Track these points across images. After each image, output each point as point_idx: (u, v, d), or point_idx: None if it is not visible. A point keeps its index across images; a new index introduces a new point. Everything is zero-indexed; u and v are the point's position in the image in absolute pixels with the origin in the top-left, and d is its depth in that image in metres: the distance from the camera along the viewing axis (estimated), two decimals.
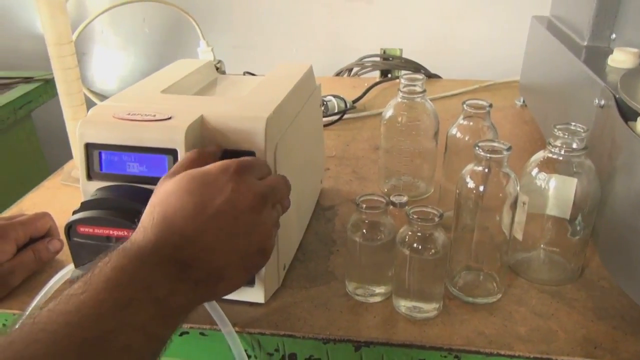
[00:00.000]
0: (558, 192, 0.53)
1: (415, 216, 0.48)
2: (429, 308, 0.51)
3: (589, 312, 0.52)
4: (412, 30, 1.36)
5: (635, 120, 0.49)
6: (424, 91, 0.68)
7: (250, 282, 0.53)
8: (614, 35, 0.73)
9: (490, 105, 0.60)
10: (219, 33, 1.49)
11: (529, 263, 0.58)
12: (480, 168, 0.50)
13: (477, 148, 0.49)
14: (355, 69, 1.23)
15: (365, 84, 1.12)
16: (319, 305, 0.53)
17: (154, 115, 0.50)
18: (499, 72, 1.19)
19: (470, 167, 0.51)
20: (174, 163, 0.48)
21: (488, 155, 0.49)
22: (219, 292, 0.41)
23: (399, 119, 0.69)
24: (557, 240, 0.56)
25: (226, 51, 1.50)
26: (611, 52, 0.67)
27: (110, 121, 0.50)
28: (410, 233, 0.49)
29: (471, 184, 0.50)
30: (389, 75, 1.19)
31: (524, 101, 1.03)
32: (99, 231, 0.48)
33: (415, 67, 1.17)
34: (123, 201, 0.48)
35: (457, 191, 0.52)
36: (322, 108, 0.96)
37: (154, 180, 0.49)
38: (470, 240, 0.53)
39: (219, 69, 1.10)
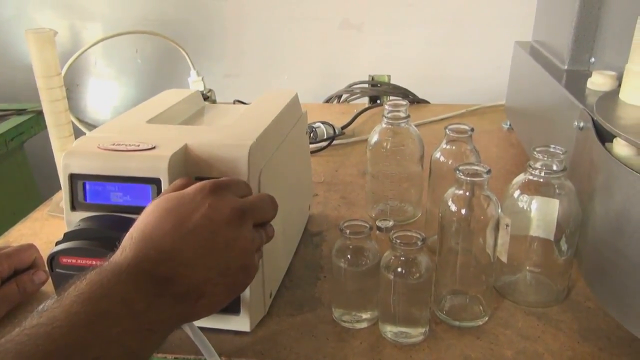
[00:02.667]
0: (541, 213, 0.53)
1: (398, 240, 0.49)
2: (415, 333, 0.51)
3: (575, 334, 0.52)
4: (400, 57, 1.38)
5: (612, 141, 0.50)
6: (408, 116, 0.69)
7: (236, 311, 0.53)
8: (593, 59, 0.75)
9: (472, 130, 0.61)
10: (210, 62, 1.51)
11: (514, 285, 0.58)
12: (461, 191, 0.50)
13: (457, 172, 0.50)
14: (344, 96, 1.25)
15: (354, 110, 1.13)
16: (305, 333, 0.53)
17: (138, 145, 0.51)
18: (486, 96, 1.20)
19: (451, 190, 0.51)
20: (158, 192, 0.49)
21: (469, 178, 0.49)
22: (200, 309, 0.40)
23: (384, 144, 0.69)
24: (542, 262, 0.56)
25: (217, 80, 1.52)
26: (590, 75, 0.68)
27: (94, 152, 0.51)
28: (393, 257, 0.49)
29: (453, 207, 0.51)
30: (378, 102, 1.20)
31: (510, 124, 1.04)
32: (81, 262, 0.48)
33: (403, 93, 1.19)
34: (106, 231, 0.48)
35: (440, 215, 0.52)
36: (311, 134, 0.97)
37: (139, 210, 0.49)
38: (455, 264, 0.53)
39: (209, 97, 1.12)
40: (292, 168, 0.66)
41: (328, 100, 1.27)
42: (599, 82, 0.65)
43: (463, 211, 0.50)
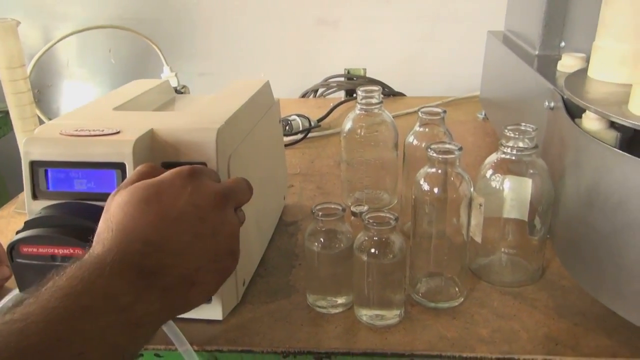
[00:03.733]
0: (514, 193, 0.53)
1: (371, 221, 0.48)
2: (391, 315, 0.50)
3: (550, 311, 0.51)
4: (376, 52, 1.38)
5: (581, 117, 0.50)
6: (381, 102, 0.68)
7: (208, 299, 0.51)
8: (563, 44, 0.75)
9: (445, 112, 0.61)
10: (185, 61, 1.49)
11: (490, 266, 0.57)
12: (433, 170, 0.50)
13: (429, 150, 0.49)
14: (320, 90, 1.24)
15: (331, 104, 1.13)
16: (279, 319, 0.52)
17: (102, 131, 0.50)
18: (462, 88, 1.21)
19: (424, 170, 0.51)
20: (122, 178, 0.47)
21: (441, 156, 0.49)
22: (192, 298, 0.39)
23: (358, 131, 0.69)
24: (516, 242, 0.56)
25: (192, 79, 1.50)
26: (561, 58, 0.68)
27: (56, 137, 0.49)
28: (367, 239, 0.49)
29: (426, 187, 0.50)
30: (354, 95, 1.19)
31: (485, 114, 1.04)
32: (43, 250, 0.46)
33: (379, 86, 1.18)
34: (68, 218, 0.46)
35: (413, 196, 0.51)
36: (286, 127, 0.97)
37: (103, 197, 0.48)
38: (429, 245, 0.53)
39: (183, 93, 1.10)
40: (264, 156, 0.65)
41: (304, 95, 1.26)
42: (568, 63, 0.65)
43: (436, 190, 0.50)
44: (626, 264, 0.42)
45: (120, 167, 0.47)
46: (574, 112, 0.52)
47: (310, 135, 0.98)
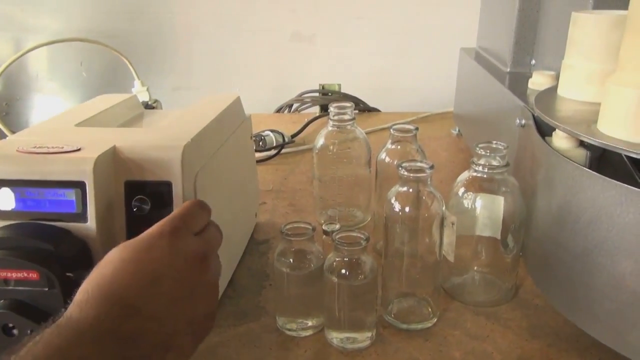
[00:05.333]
0: (486, 211, 0.53)
1: (341, 241, 0.47)
2: (362, 338, 0.49)
3: (523, 332, 0.51)
4: (351, 67, 1.38)
5: (551, 135, 0.50)
6: (354, 118, 0.68)
7: None
8: (533, 61, 0.76)
9: (417, 129, 0.60)
10: (159, 76, 1.47)
11: (463, 285, 0.57)
12: (404, 189, 0.49)
13: (400, 168, 0.49)
14: (295, 105, 1.24)
15: (305, 120, 1.12)
16: (247, 343, 0.50)
17: (62, 148, 0.48)
18: (437, 105, 1.22)
19: (395, 188, 0.50)
20: (82, 197, 0.45)
21: (412, 174, 0.48)
22: None
23: (331, 147, 0.68)
24: (489, 261, 0.56)
25: (167, 93, 1.48)
26: (531, 76, 0.69)
27: (12, 155, 0.47)
28: (337, 259, 0.47)
29: (397, 206, 0.49)
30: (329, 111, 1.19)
31: (459, 130, 1.05)
32: None
33: (354, 101, 1.18)
34: (23, 239, 0.44)
35: (385, 215, 0.50)
36: (260, 143, 0.95)
37: (62, 217, 0.46)
38: (401, 265, 0.52)
39: (155, 108, 1.08)
40: (234, 173, 0.63)
41: (279, 110, 1.26)
42: (539, 81, 0.65)
43: (407, 209, 0.49)
44: (597, 285, 0.41)
45: (80, 185, 0.45)
46: (545, 130, 0.52)
47: (284, 151, 0.97)
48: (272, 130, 0.98)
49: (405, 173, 0.48)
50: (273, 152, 0.96)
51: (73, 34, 1.47)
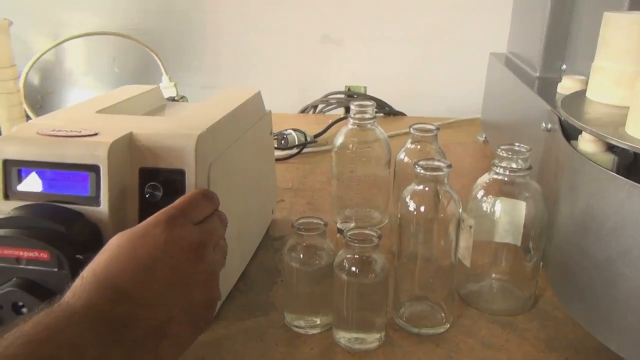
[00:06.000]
0: (506, 216, 0.51)
1: (352, 237, 0.46)
2: (370, 339, 0.48)
3: (540, 343, 0.48)
4: (378, 71, 1.37)
5: (577, 139, 0.47)
6: (374, 117, 0.67)
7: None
8: (564, 66, 0.73)
9: (438, 128, 0.59)
10: (188, 74, 1.49)
11: (479, 292, 0.55)
12: (420, 187, 0.48)
13: (417, 166, 0.47)
14: (320, 106, 1.23)
15: (330, 121, 1.11)
16: (254, 338, 0.49)
17: (80, 132, 0.48)
18: (464, 110, 1.19)
19: (410, 187, 0.49)
20: (96, 181, 0.46)
21: (428, 173, 0.47)
22: (163, 352, 0.36)
23: (350, 146, 0.67)
24: (508, 268, 0.54)
25: (195, 91, 1.49)
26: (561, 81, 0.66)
27: (31, 137, 0.47)
28: (348, 256, 0.46)
29: (412, 205, 0.48)
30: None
31: (485, 137, 1.02)
32: (8, 252, 0.44)
33: (379, 105, 1.17)
34: (36, 220, 0.44)
35: (399, 214, 0.49)
36: (282, 141, 0.95)
37: (76, 199, 0.46)
38: (415, 268, 0.50)
39: None
40: (251, 167, 0.63)
41: (304, 111, 1.25)
42: (568, 86, 0.63)
43: (422, 209, 0.48)
44: (620, 296, 0.39)
45: (95, 169, 0.46)
46: (571, 134, 0.50)
47: (305, 150, 0.96)
48: (294, 130, 0.98)
49: (422, 171, 0.47)
50: (294, 151, 0.95)
51: (108, 29, 1.51)
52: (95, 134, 0.48)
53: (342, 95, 1.19)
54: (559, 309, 0.53)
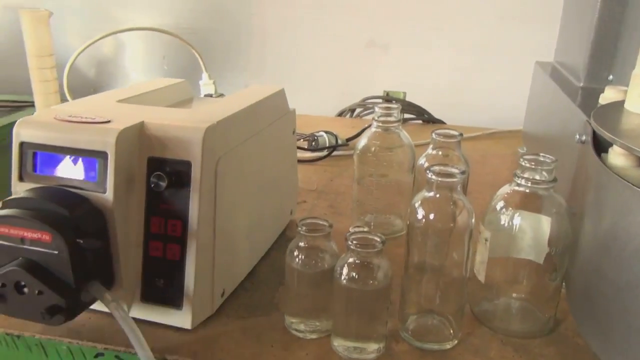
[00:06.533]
0: (527, 230, 0.47)
1: (354, 242, 0.44)
2: (369, 349, 0.46)
3: None
4: (422, 78, 1.33)
5: (607, 151, 0.44)
6: (399, 120, 0.64)
7: (178, 305, 0.48)
8: (611, 77, 0.69)
9: (461, 135, 0.56)
10: (232, 72, 1.51)
11: (494, 311, 0.51)
12: (431, 194, 0.45)
13: (428, 172, 0.45)
14: (358, 110, 1.21)
15: (365, 125, 1.09)
16: (250, 337, 0.48)
17: (94, 119, 0.49)
18: (508, 120, 1.14)
19: (421, 194, 0.46)
20: (104, 167, 0.46)
21: (439, 179, 0.44)
22: None
23: (372, 149, 0.65)
24: (527, 287, 0.50)
25: (238, 90, 1.51)
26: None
27: (47, 121, 0.48)
28: (349, 261, 0.44)
29: (420, 213, 0.45)
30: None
31: (526, 149, 0.97)
32: (13, 232, 0.44)
33: (418, 111, 1.14)
34: (42, 202, 0.45)
35: (407, 222, 0.47)
36: (313, 142, 0.94)
37: (85, 185, 0.47)
38: (423, 279, 0.48)
39: None
40: (268, 165, 0.62)
41: (341, 114, 1.24)
42: (610, 96, 0.58)
43: (432, 216, 0.45)
44: (637, 326, 0.35)
45: (103, 156, 0.46)
46: (605, 147, 0.46)
47: (336, 153, 0.95)
48: (326, 132, 0.97)
49: (433, 177, 0.44)
50: (324, 153, 0.94)
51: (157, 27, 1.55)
52: (108, 122, 0.48)
53: (380, 100, 1.16)
54: (581, 336, 0.49)
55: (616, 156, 0.42)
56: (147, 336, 0.47)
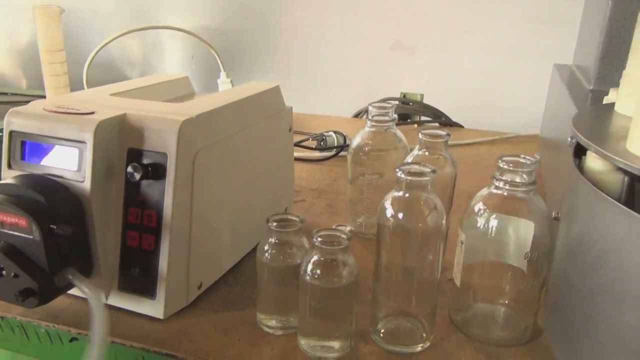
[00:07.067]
0: (505, 234, 0.46)
1: (320, 239, 0.43)
2: (335, 347, 0.45)
3: None
4: (445, 81, 1.31)
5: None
6: (393, 120, 0.63)
7: (151, 294, 0.49)
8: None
9: (448, 135, 0.54)
10: (260, 73, 1.53)
11: (470, 316, 0.49)
12: (400, 193, 0.44)
13: (398, 171, 0.44)
14: None
15: None
16: (220, 330, 0.48)
17: (79, 110, 0.50)
18: (529, 125, 1.10)
19: (391, 193, 0.45)
20: (83, 156, 0.47)
21: (409, 178, 0.43)
22: None
23: (365, 149, 0.64)
24: (506, 293, 0.48)
25: None
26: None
27: (36, 112, 0.50)
28: (314, 258, 0.44)
29: (390, 212, 0.44)
30: (408, 120, 1.14)
31: (539, 157, 0.94)
32: None
33: (435, 114, 1.12)
34: (22, 189, 0.46)
35: (377, 221, 0.46)
36: (321, 142, 0.94)
37: (65, 173, 0.48)
38: (394, 280, 0.47)
39: None
40: (258, 161, 0.62)
41: (357, 115, 1.23)
42: (613, 98, 0.55)
43: (401, 216, 0.44)
44: (598, 336, 0.33)
45: (82, 145, 0.47)
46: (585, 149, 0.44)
47: (342, 153, 0.94)
48: (335, 132, 0.96)
49: (403, 176, 0.43)
50: (333, 152, 0.93)
51: (189, 28, 1.59)
52: (92, 113, 0.50)
53: (397, 102, 1.15)
54: None
55: (593, 160, 0.40)
56: (121, 324, 0.48)
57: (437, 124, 1.14)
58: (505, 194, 0.45)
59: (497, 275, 0.48)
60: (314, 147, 0.95)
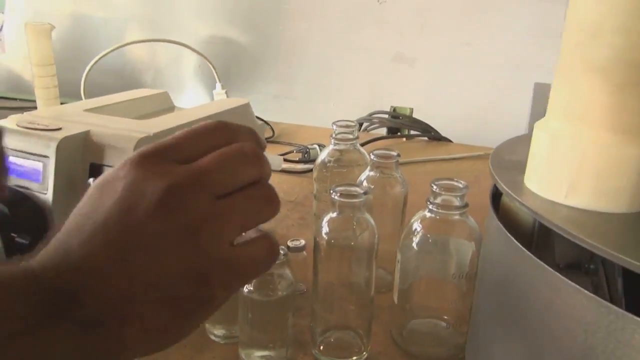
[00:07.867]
0: (440, 254, 0.48)
1: None
2: (273, 357, 0.47)
3: None
4: (428, 93, 1.33)
5: None
6: (356, 138, 0.65)
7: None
8: None
9: (398, 155, 0.56)
10: (261, 82, 1.56)
11: (409, 332, 0.51)
12: (335, 214, 0.46)
13: (332, 192, 0.46)
14: (365, 124, 1.22)
15: (369, 139, 1.10)
16: None
17: (47, 126, 0.54)
18: None
19: (327, 213, 0.47)
20: (47, 170, 0.51)
21: (342, 199, 0.45)
22: (131, 340, 0.26)
23: (327, 166, 0.66)
24: (440, 310, 0.50)
25: (267, 100, 1.57)
26: None
27: (9, 127, 0.54)
28: None
29: (324, 231, 0.47)
30: (398, 134, 1.16)
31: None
32: None
33: (424, 128, 1.14)
34: None
35: (315, 239, 0.48)
36: (305, 155, 0.96)
37: (32, 186, 0.52)
38: (331, 296, 0.49)
39: None
40: None
41: None
42: None
43: (334, 235, 0.46)
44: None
45: (46, 160, 0.51)
46: None
47: None
48: (319, 145, 0.99)
49: (337, 197, 0.46)
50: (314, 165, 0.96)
51: (196, 38, 1.63)
52: (59, 129, 0.53)
53: (386, 115, 1.17)
54: None
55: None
56: None
57: (425, 138, 1.15)
58: (438, 217, 0.47)
59: (433, 293, 0.50)
60: (297, 159, 0.97)
